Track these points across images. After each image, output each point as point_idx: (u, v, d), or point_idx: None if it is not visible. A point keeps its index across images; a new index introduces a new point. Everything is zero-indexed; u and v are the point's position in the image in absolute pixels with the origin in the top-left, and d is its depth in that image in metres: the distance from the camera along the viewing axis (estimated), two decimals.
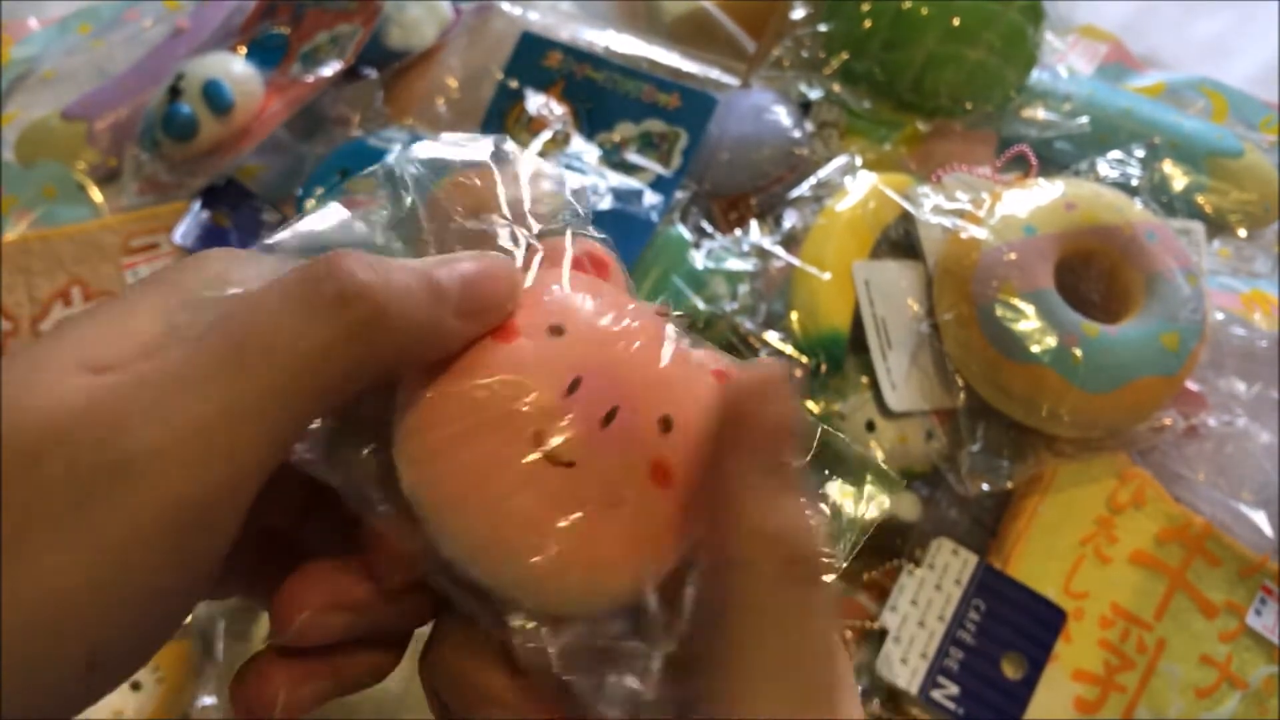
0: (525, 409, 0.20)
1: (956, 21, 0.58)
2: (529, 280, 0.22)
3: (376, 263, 0.19)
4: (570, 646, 0.20)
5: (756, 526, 0.19)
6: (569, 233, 0.24)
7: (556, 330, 0.21)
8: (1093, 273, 0.51)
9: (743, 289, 0.53)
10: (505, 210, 0.23)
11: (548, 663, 0.20)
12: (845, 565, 0.23)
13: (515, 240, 0.23)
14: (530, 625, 0.20)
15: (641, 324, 0.22)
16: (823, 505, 0.23)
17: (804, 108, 0.61)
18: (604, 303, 0.22)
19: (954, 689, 0.46)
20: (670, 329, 0.22)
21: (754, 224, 0.56)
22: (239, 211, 0.61)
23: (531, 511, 0.19)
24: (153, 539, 0.17)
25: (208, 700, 0.47)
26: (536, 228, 0.23)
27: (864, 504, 0.24)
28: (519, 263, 0.22)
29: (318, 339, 0.18)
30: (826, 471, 0.23)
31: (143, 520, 0.17)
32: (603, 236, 0.24)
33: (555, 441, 0.20)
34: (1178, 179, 0.60)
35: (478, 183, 0.24)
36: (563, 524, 0.19)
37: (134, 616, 0.18)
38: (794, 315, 0.52)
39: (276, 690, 0.21)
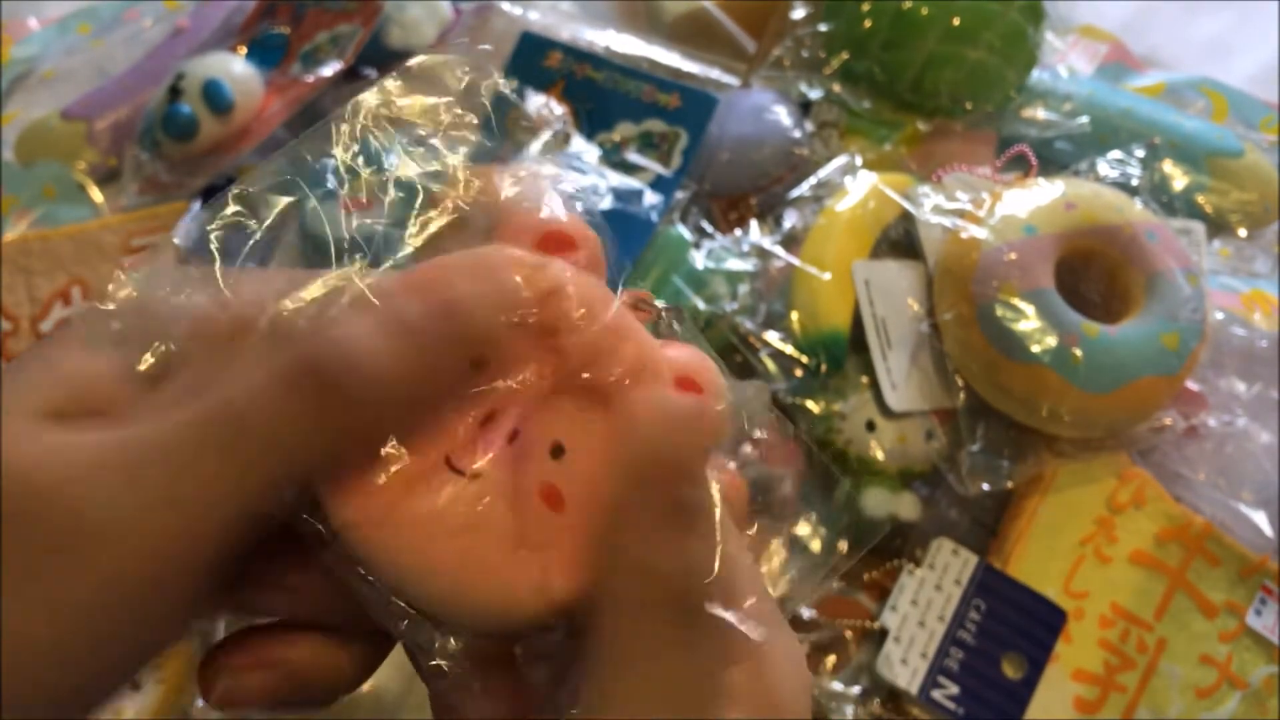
0: (440, 441, 0.20)
1: (957, 21, 0.57)
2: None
3: (352, 335, 0.19)
4: (460, 658, 0.21)
5: (635, 561, 0.19)
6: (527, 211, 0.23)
7: (479, 363, 0.21)
8: (1093, 273, 0.51)
9: (743, 289, 0.53)
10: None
11: (440, 672, 0.20)
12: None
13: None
14: (418, 628, 0.21)
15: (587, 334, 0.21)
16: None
17: (804, 108, 0.61)
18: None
19: (954, 689, 0.46)
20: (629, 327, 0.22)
21: (754, 224, 0.56)
22: None
23: (425, 523, 0.20)
24: (118, 602, 0.18)
25: None
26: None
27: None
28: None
29: (301, 424, 0.18)
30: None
31: (109, 585, 0.17)
32: (576, 194, 0.23)
33: (463, 462, 0.20)
34: (1178, 179, 0.60)
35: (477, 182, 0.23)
36: (455, 541, 0.20)
37: (105, 662, 0.18)
38: (794, 315, 0.52)
39: (219, 674, 0.21)
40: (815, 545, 0.27)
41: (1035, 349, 0.47)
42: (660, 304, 0.24)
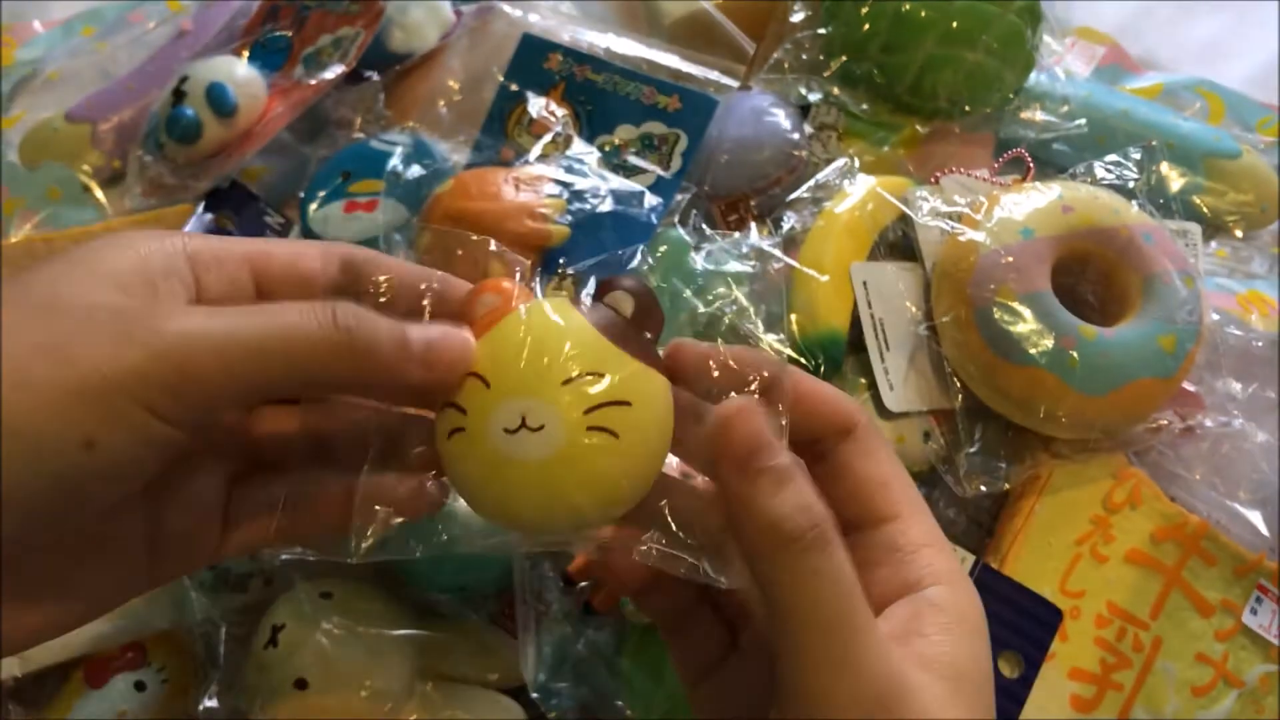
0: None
1: (955, 24, 0.58)
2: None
3: (367, 319, 0.27)
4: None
5: (752, 522, 0.26)
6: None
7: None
8: (1090, 275, 0.51)
9: (742, 291, 0.54)
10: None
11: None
12: None
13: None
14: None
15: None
16: None
17: (803, 110, 0.61)
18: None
19: None
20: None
21: (753, 226, 0.57)
22: (243, 214, 0.62)
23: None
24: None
25: (210, 703, 0.47)
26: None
27: None
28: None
29: (321, 358, 0.26)
30: None
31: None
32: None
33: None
34: (1175, 180, 0.60)
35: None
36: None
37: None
38: (793, 317, 0.52)
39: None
40: None
41: (1032, 351, 0.47)
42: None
